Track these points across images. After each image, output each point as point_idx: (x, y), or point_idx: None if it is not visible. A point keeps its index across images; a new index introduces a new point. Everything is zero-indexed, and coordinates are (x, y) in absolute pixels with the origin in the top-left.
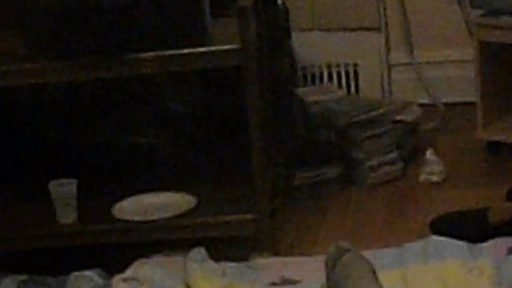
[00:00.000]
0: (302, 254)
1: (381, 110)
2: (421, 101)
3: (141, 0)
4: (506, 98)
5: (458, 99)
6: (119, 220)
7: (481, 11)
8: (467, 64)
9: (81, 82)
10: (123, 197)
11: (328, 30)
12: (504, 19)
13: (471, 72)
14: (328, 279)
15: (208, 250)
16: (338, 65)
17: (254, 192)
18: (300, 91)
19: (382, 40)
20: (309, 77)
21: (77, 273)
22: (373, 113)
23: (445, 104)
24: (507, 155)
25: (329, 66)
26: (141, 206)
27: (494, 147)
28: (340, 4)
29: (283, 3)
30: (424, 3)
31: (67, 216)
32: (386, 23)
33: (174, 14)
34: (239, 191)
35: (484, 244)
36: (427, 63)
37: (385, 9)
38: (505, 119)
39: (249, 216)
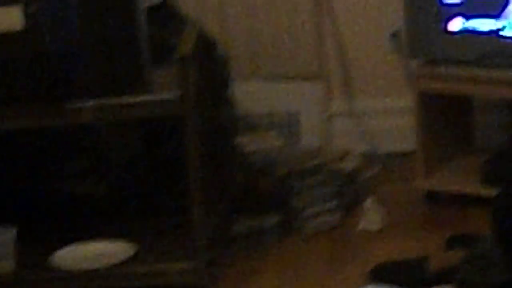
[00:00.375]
0: None
1: (320, 159)
2: (361, 149)
3: (81, 48)
4: (445, 147)
5: (398, 148)
6: (57, 269)
7: (420, 61)
8: (407, 113)
9: (20, 130)
10: (62, 245)
11: (269, 78)
12: (443, 69)
13: (411, 121)
14: None
15: None
16: (278, 114)
17: (193, 241)
18: (240, 139)
19: (323, 89)
20: (249, 126)
21: None
22: (312, 162)
23: (385, 153)
24: (447, 204)
25: (269, 115)
26: (80, 255)
27: (433, 196)
28: (281, 52)
29: (224, 52)
30: (364, 52)
31: (5, 265)
32: (327, 72)
33: (113, 62)
34: (178, 239)
35: None
36: (367, 112)
37: (325, 58)
38: (445, 168)
39: (188, 265)
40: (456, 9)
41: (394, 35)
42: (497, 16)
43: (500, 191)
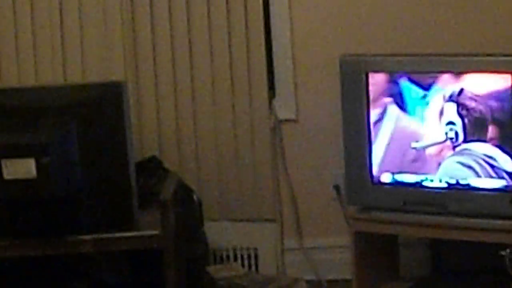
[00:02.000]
0: None
1: (275, 285)
2: (308, 278)
3: (82, 193)
4: (375, 276)
5: (338, 277)
6: None
7: (356, 208)
8: (346, 249)
9: (34, 256)
10: None
11: (234, 220)
12: (374, 214)
13: (349, 255)
14: None
15: None
16: (241, 248)
17: None
18: (211, 269)
19: (278, 229)
20: (218, 258)
21: None
22: (268, 287)
23: (328, 280)
24: None
25: (234, 249)
26: None
27: None
28: (244, 199)
29: (198, 198)
30: (312, 201)
31: None
32: (281, 215)
33: (108, 204)
34: None
35: None
36: (314, 248)
37: (280, 203)
38: None
39: None
40: (385, 167)
41: (336, 187)
42: (418, 172)
43: None
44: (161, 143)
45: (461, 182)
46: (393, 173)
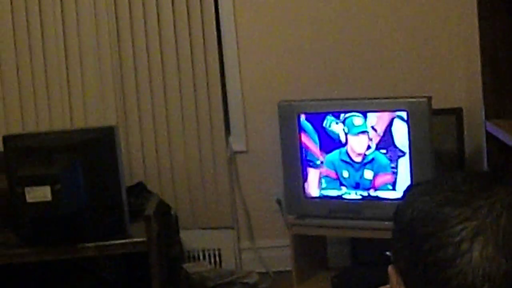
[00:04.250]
0: None
1: (234, 276)
2: (259, 270)
3: (86, 211)
4: (310, 267)
5: (281, 269)
6: None
7: (294, 216)
8: (286, 248)
9: (51, 261)
10: None
11: (202, 228)
12: (307, 221)
13: (289, 252)
14: None
15: None
16: (208, 250)
17: None
18: (186, 266)
19: (235, 234)
20: (191, 257)
21: None
22: (229, 278)
23: (274, 272)
24: None
25: (203, 250)
26: None
27: None
28: (209, 212)
29: (174, 212)
30: (260, 211)
31: None
32: (237, 223)
33: (107, 218)
34: None
35: None
36: (263, 247)
37: (236, 214)
38: (309, 280)
39: None
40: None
41: (278, 200)
42: (339, 186)
43: None
44: (145, 172)
45: (372, 194)
46: (320, 189)
